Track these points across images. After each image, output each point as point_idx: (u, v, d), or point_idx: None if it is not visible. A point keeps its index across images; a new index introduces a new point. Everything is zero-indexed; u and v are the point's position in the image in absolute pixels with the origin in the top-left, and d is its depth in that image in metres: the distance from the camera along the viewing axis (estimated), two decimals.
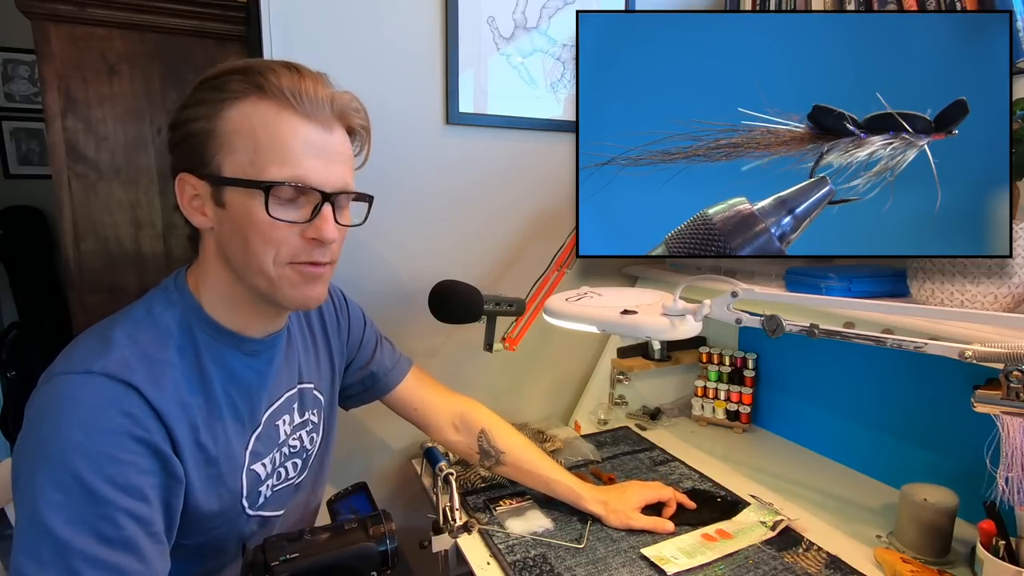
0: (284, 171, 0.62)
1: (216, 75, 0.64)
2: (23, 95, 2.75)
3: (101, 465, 0.56)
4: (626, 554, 0.89)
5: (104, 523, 0.55)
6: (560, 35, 1.26)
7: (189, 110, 0.64)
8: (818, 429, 1.29)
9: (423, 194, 1.21)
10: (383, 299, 1.19)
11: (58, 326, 2.64)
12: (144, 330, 0.65)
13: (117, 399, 0.58)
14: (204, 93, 0.63)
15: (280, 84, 0.62)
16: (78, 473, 0.55)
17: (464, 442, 1.01)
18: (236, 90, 0.62)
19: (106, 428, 0.57)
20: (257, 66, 0.63)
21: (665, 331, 0.77)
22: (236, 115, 0.62)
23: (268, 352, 0.75)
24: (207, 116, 0.62)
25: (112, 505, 0.56)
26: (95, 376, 0.58)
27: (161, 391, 0.61)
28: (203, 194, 0.65)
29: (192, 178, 0.64)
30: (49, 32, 1.33)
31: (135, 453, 0.58)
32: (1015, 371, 0.56)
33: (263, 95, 0.62)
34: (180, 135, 0.64)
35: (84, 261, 1.42)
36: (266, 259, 0.64)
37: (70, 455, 0.55)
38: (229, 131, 0.62)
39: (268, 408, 0.75)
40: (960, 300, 0.87)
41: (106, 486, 0.56)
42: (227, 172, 0.63)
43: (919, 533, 0.89)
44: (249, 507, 0.73)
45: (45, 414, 0.57)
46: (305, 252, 0.66)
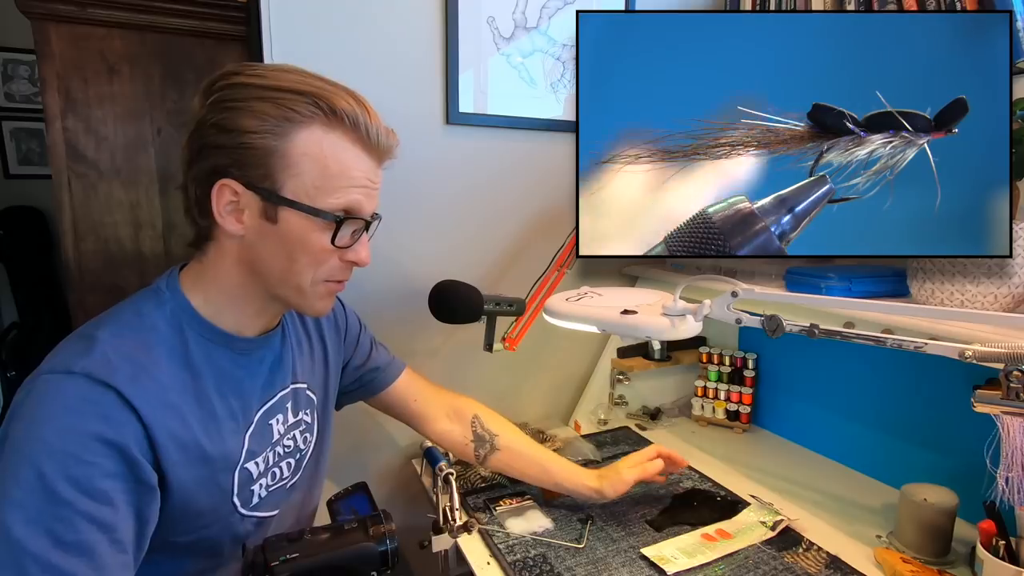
0: (344, 201, 0.66)
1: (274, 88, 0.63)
2: (23, 95, 2.75)
3: (66, 465, 0.55)
4: (626, 554, 0.89)
5: (61, 525, 0.54)
6: (560, 35, 1.26)
7: (244, 119, 0.62)
8: (818, 429, 1.29)
9: (423, 194, 1.21)
10: (383, 299, 1.19)
11: (58, 326, 2.64)
12: (132, 330, 0.64)
13: (94, 400, 0.58)
14: (263, 105, 0.62)
15: (353, 114, 0.65)
16: (42, 472, 0.54)
17: (458, 430, 1.01)
18: (305, 113, 0.63)
19: (76, 429, 0.56)
20: (324, 91, 0.64)
21: (665, 331, 0.77)
22: (306, 139, 0.63)
23: (260, 351, 0.75)
24: (273, 133, 0.62)
25: (71, 507, 0.55)
26: (76, 376, 0.58)
27: (143, 392, 0.61)
28: (247, 204, 0.65)
29: (238, 186, 0.64)
30: (49, 32, 1.33)
31: (100, 455, 0.57)
32: (1015, 371, 0.56)
33: (333, 122, 0.64)
34: (229, 141, 0.63)
35: (84, 261, 1.42)
36: (306, 277, 0.68)
37: (36, 454, 0.55)
38: (297, 153, 0.63)
39: (261, 407, 0.75)
40: (960, 300, 0.87)
41: (68, 487, 0.55)
42: (288, 193, 0.64)
43: (919, 533, 0.89)
44: (242, 506, 0.72)
45: (23, 413, 0.57)
46: (340, 272, 0.71)
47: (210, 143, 0.64)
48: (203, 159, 0.65)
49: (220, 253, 0.69)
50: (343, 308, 0.95)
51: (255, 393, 0.74)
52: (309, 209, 0.64)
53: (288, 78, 0.64)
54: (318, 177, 0.64)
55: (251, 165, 0.63)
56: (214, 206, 0.64)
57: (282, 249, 0.66)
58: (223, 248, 0.69)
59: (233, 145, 0.63)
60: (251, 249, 0.67)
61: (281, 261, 0.67)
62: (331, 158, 0.64)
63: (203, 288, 0.70)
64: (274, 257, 0.67)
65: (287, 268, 0.67)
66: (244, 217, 0.65)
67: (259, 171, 0.63)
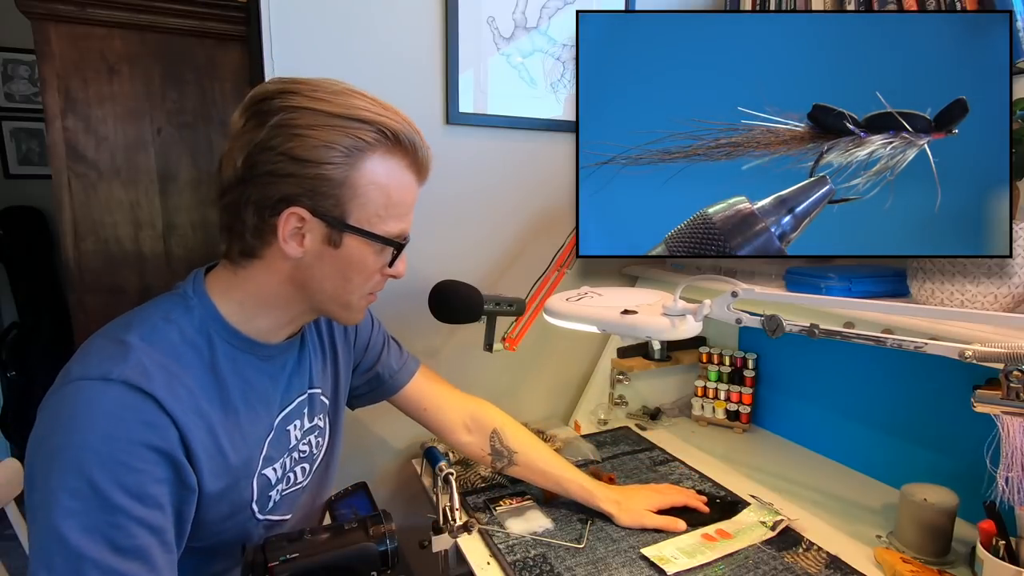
0: (399, 226, 0.70)
1: (342, 116, 0.63)
2: (23, 95, 2.75)
3: (117, 473, 0.56)
4: (626, 554, 0.89)
5: (118, 532, 0.56)
6: (560, 35, 1.26)
7: (319, 151, 0.62)
8: (818, 429, 1.29)
9: (423, 194, 1.19)
10: (383, 299, 1.17)
11: (58, 326, 2.64)
12: (162, 336, 0.64)
13: (135, 407, 0.58)
14: (334, 135, 0.62)
15: (410, 139, 0.67)
16: (94, 481, 0.55)
17: (476, 443, 1.01)
18: (371, 141, 0.64)
19: (123, 436, 0.57)
20: (385, 119, 0.65)
21: (665, 331, 0.77)
22: (371, 168, 0.65)
23: (282, 356, 0.76)
24: (344, 164, 0.63)
25: (126, 514, 0.56)
26: (113, 384, 0.58)
27: (178, 400, 0.61)
28: (310, 229, 0.65)
29: (306, 213, 0.64)
30: (49, 32, 1.33)
31: (150, 462, 0.58)
32: (1015, 371, 0.56)
33: (395, 150, 0.67)
34: (302, 172, 0.62)
35: (84, 261, 1.42)
36: (357, 295, 0.72)
37: (86, 463, 0.55)
38: (364, 183, 0.65)
39: (280, 413, 0.76)
40: (960, 300, 0.87)
41: (122, 495, 0.56)
42: (353, 220, 0.66)
43: (919, 533, 0.89)
44: (259, 511, 0.73)
45: (62, 419, 0.57)
46: (379, 285, 0.75)
47: (279, 171, 0.63)
48: (268, 185, 0.63)
49: (267, 270, 0.68)
50: None
51: (276, 399, 0.75)
52: (374, 237, 0.67)
53: (353, 104, 0.65)
54: (382, 206, 0.67)
55: (322, 195, 0.64)
56: (280, 232, 0.64)
57: (339, 271, 0.69)
58: (272, 266, 0.68)
59: (307, 175, 0.63)
60: (306, 270, 0.68)
61: (335, 281, 0.69)
62: (394, 187, 0.67)
63: (236, 297, 0.69)
64: (329, 278, 0.69)
65: (341, 287, 0.70)
66: (306, 242, 0.66)
67: (330, 201, 0.64)
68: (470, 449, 1.01)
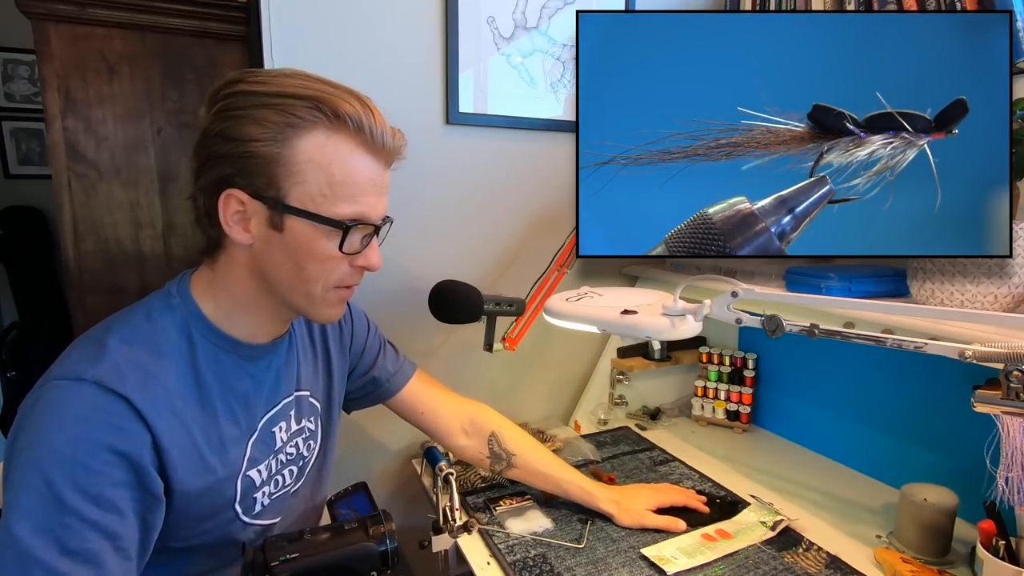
0: (352, 208, 0.65)
1: (277, 95, 0.62)
2: (23, 95, 2.75)
3: (75, 474, 0.55)
4: (626, 554, 0.89)
5: (68, 533, 0.55)
6: (560, 35, 1.26)
7: (247, 127, 0.61)
8: (818, 429, 1.29)
9: (423, 194, 1.21)
10: (383, 299, 1.19)
11: (58, 326, 2.64)
12: (141, 335, 0.64)
13: (104, 409, 0.58)
14: (265, 112, 0.61)
15: (357, 116, 0.63)
16: (51, 480, 0.55)
17: (474, 446, 1.01)
18: (308, 118, 0.62)
19: (87, 438, 0.57)
20: (327, 95, 0.63)
21: (665, 331, 0.77)
22: (309, 145, 0.62)
23: (267, 357, 0.75)
24: (274, 140, 0.61)
25: (79, 516, 0.55)
26: (85, 384, 0.58)
27: (152, 400, 0.61)
28: (253, 213, 0.64)
29: (243, 195, 0.63)
30: (49, 32, 1.33)
31: (111, 464, 0.57)
32: (1015, 371, 0.56)
33: (337, 126, 0.63)
34: (233, 151, 0.62)
35: (84, 261, 1.42)
36: (316, 285, 0.67)
37: (46, 462, 0.55)
38: (301, 161, 0.62)
39: (265, 414, 0.75)
40: (960, 300, 0.87)
41: (77, 496, 0.55)
42: (293, 201, 0.63)
43: (919, 533, 0.89)
44: (244, 513, 0.72)
45: (32, 418, 0.58)
46: (350, 277, 0.70)
47: (215, 153, 0.63)
48: (209, 169, 0.64)
49: (231, 261, 0.68)
50: (350, 312, 0.94)
51: (260, 400, 0.74)
52: (315, 217, 0.63)
53: (290, 83, 0.63)
54: (324, 184, 0.63)
55: (255, 174, 0.62)
56: (221, 216, 0.64)
57: (290, 257, 0.65)
58: (233, 257, 0.68)
59: (237, 154, 0.62)
60: (260, 258, 0.66)
61: (290, 269, 0.66)
62: (336, 164, 0.63)
63: (214, 294, 0.69)
64: (282, 265, 0.66)
65: (296, 276, 0.66)
66: (251, 226, 0.65)
67: (263, 179, 0.62)
68: (468, 452, 1.01)
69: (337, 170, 0.63)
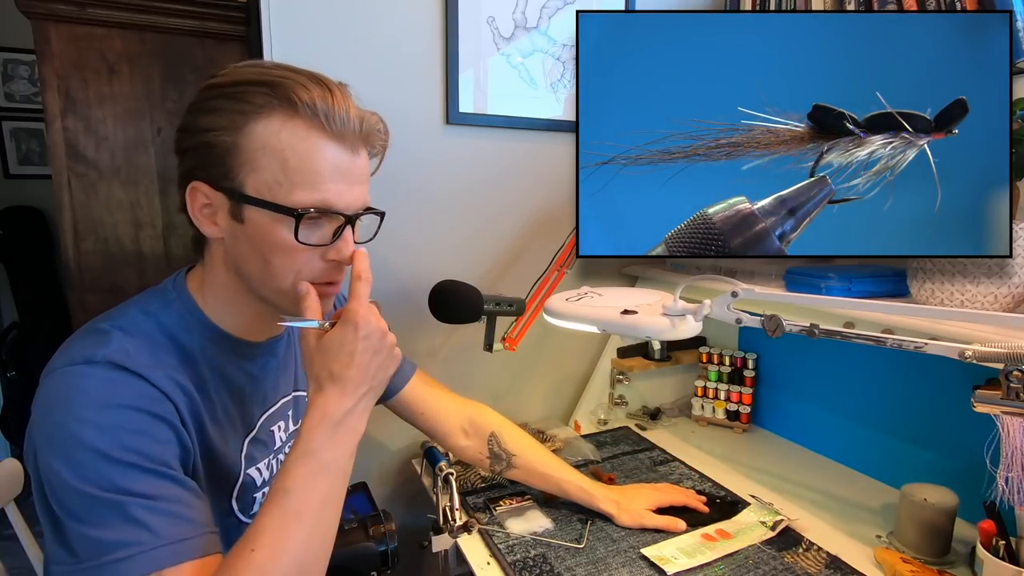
0: (312, 196, 0.60)
1: (233, 83, 0.60)
2: (23, 95, 2.75)
3: (118, 437, 0.55)
4: (626, 554, 0.89)
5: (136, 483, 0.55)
6: (560, 35, 1.26)
7: (205, 118, 0.61)
8: (818, 429, 1.29)
9: (423, 194, 1.21)
10: (382, 299, 1.17)
11: (58, 326, 2.64)
12: (140, 328, 0.64)
13: (124, 381, 0.58)
14: (221, 102, 0.60)
15: (312, 101, 0.59)
16: (97, 448, 0.54)
17: (474, 447, 1.00)
18: (261, 104, 0.59)
19: (118, 404, 0.56)
20: (284, 79, 0.60)
21: (665, 331, 0.77)
22: (262, 132, 0.59)
23: (264, 356, 0.75)
24: (228, 128, 0.59)
25: (138, 468, 0.55)
26: (98, 365, 0.57)
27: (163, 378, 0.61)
28: (217, 205, 0.63)
29: (206, 187, 0.62)
30: (49, 32, 1.33)
31: (150, 424, 0.57)
32: (1015, 371, 0.56)
33: (292, 112, 0.59)
34: (194, 143, 0.61)
35: (84, 261, 1.42)
36: (286, 279, 0.64)
37: (84, 435, 0.54)
38: (254, 148, 0.59)
39: (263, 413, 0.75)
40: (960, 300, 0.87)
41: (129, 454, 0.55)
42: (250, 190, 0.60)
43: (919, 533, 0.89)
44: (241, 512, 0.72)
45: (53, 405, 0.56)
46: (325, 273, 0.65)
47: (180, 148, 0.63)
48: (179, 165, 0.64)
49: (211, 256, 0.68)
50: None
51: (257, 399, 0.74)
52: (269, 205, 0.60)
53: (250, 71, 0.62)
54: (278, 172, 0.60)
55: (213, 164, 0.61)
56: (190, 210, 0.63)
57: (255, 250, 0.63)
58: (212, 251, 0.68)
59: (195, 146, 0.61)
60: (231, 252, 0.65)
61: (257, 263, 0.63)
62: (290, 150, 0.59)
63: (208, 292, 0.69)
64: (250, 260, 0.64)
65: (264, 270, 0.63)
66: (218, 219, 0.63)
67: (221, 169, 0.61)
68: (468, 453, 1.01)
69: (291, 156, 0.60)
